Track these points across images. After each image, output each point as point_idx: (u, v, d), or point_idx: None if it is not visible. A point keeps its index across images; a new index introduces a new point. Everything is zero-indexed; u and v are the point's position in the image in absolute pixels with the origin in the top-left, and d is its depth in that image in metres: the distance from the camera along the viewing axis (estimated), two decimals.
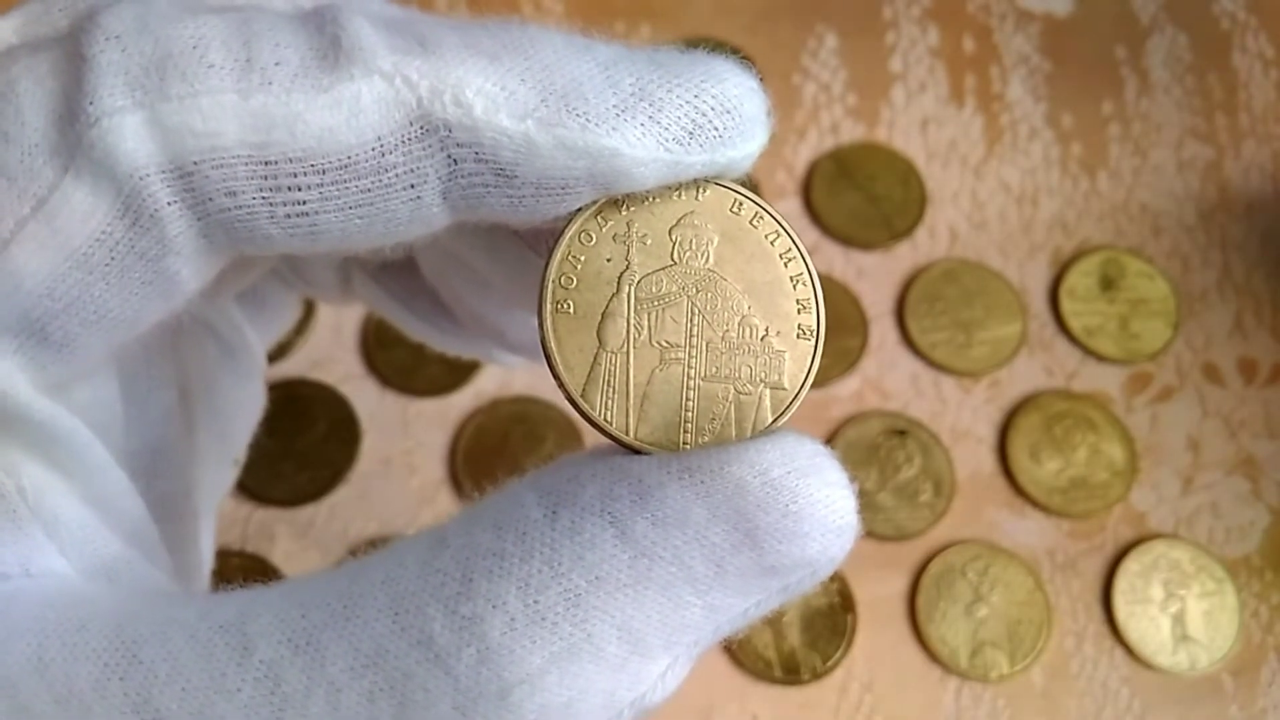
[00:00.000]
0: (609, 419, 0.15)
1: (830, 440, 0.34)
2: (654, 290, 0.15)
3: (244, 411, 0.23)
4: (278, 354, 0.34)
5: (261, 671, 0.13)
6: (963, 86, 0.39)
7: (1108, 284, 0.36)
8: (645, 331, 0.15)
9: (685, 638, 0.14)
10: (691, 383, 0.15)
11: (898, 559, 0.33)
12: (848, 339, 0.35)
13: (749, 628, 0.15)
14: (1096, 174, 0.38)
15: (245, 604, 0.14)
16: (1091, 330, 0.36)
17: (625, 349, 0.15)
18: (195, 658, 0.14)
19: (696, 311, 0.15)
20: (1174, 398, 0.35)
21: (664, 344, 0.15)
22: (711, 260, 0.16)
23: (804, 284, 0.16)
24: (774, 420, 0.15)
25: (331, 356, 0.34)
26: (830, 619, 0.32)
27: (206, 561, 0.22)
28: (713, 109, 0.15)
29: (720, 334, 0.15)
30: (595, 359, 0.15)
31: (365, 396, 0.34)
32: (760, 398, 0.15)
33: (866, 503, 0.33)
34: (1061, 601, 0.32)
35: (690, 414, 0.15)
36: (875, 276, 0.36)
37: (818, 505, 0.14)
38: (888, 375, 0.35)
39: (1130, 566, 0.33)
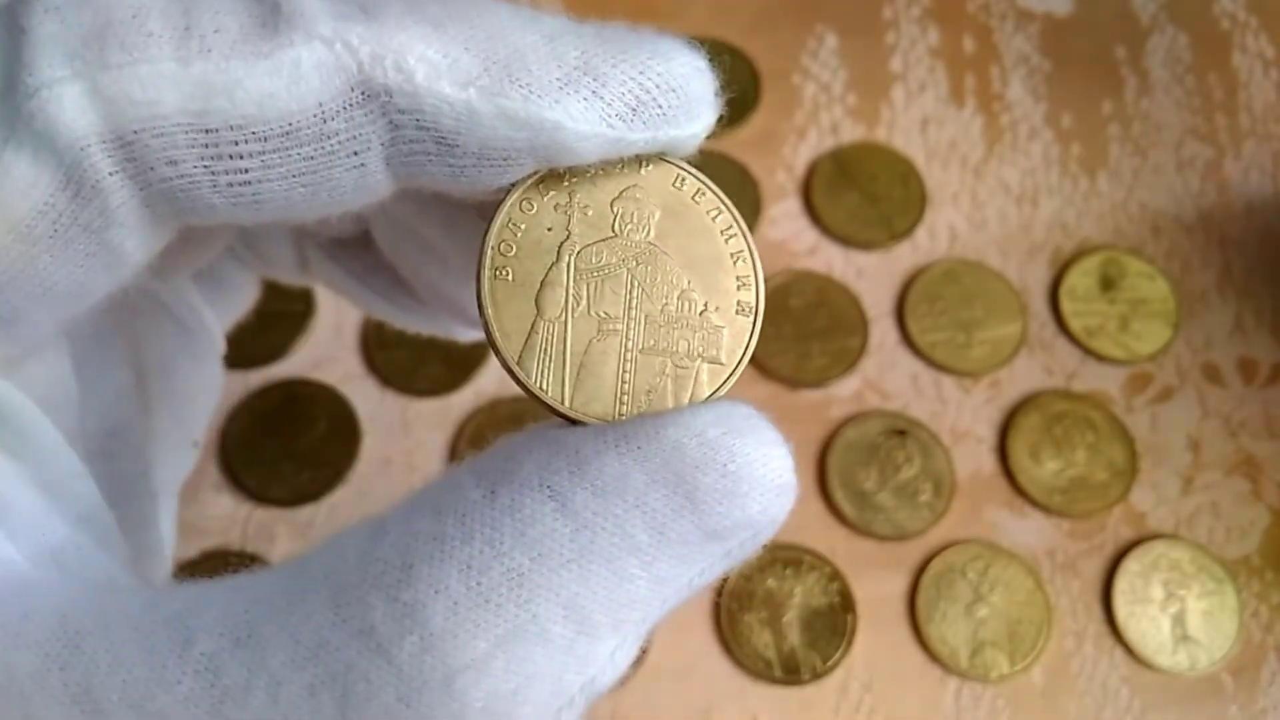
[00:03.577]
0: (545, 388, 0.15)
1: (830, 440, 0.34)
2: (594, 261, 0.15)
3: (202, 393, 0.23)
4: (278, 354, 0.34)
5: (202, 664, 0.13)
6: (963, 86, 0.39)
7: (1108, 284, 0.36)
8: (584, 302, 0.15)
9: (632, 614, 0.14)
10: (629, 354, 0.15)
11: (898, 559, 0.33)
12: (848, 339, 0.35)
13: (692, 598, 0.15)
14: (1096, 174, 0.38)
15: (191, 598, 0.14)
16: (1091, 330, 0.36)
17: (563, 318, 0.15)
18: (137, 650, 0.14)
19: (636, 284, 0.15)
20: (1174, 398, 0.35)
21: (602, 315, 0.15)
22: (652, 234, 0.16)
23: (744, 260, 0.16)
24: (710, 395, 0.15)
25: (331, 356, 0.34)
26: (830, 619, 0.32)
27: (168, 544, 0.22)
28: (658, 87, 0.15)
29: (659, 307, 0.15)
30: (533, 327, 0.15)
31: (365, 396, 0.34)
32: (697, 372, 0.15)
33: (866, 503, 0.33)
34: (1061, 601, 0.32)
35: (627, 385, 0.15)
36: (875, 276, 0.36)
37: (755, 464, 0.14)
38: (888, 375, 0.35)
39: (1130, 566, 0.33)
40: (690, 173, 0.16)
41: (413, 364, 0.34)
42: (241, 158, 0.14)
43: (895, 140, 0.38)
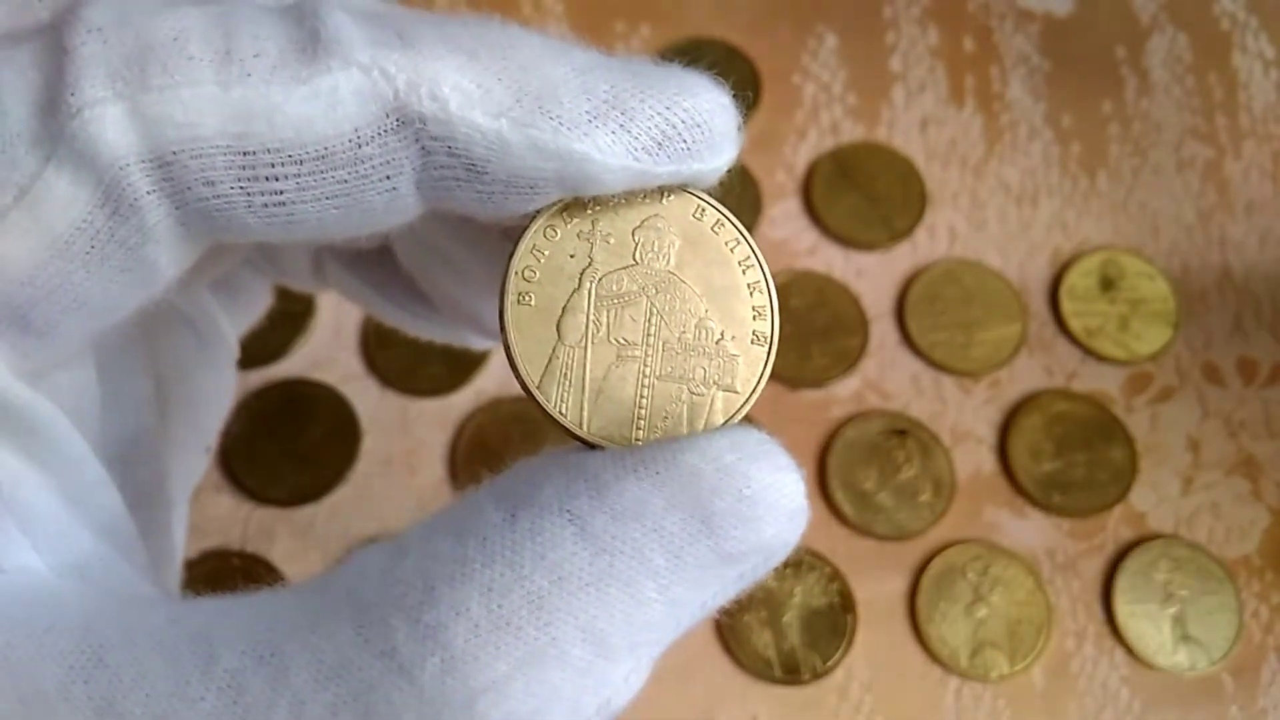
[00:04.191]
0: (564, 411, 0.16)
1: (830, 440, 0.34)
2: (614, 288, 0.16)
3: (217, 399, 0.23)
4: (278, 354, 0.34)
5: (225, 681, 0.13)
6: (963, 86, 0.39)
7: (1108, 284, 0.36)
8: (604, 328, 0.16)
9: (648, 636, 0.14)
10: (646, 380, 0.16)
11: (898, 559, 0.33)
12: (848, 339, 0.35)
13: (704, 621, 0.15)
14: (1096, 174, 0.38)
15: (214, 614, 0.14)
16: (1091, 330, 0.36)
17: (583, 344, 0.16)
18: (161, 664, 0.14)
19: (655, 311, 0.16)
20: (1174, 398, 0.35)
21: (621, 341, 0.16)
22: (672, 263, 0.16)
23: (760, 291, 0.16)
24: (725, 422, 0.16)
25: (331, 356, 0.34)
26: (830, 619, 0.32)
27: (179, 549, 0.22)
28: (683, 122, 0.15)
29: (677, 335, 0.16)
30: (553, 352, 0.16)
31: (365, 396, 0.34)
32: (713, 399, 0.16)
33: (866, 503, 0.33)
34: (1061, 601, 0.32)
35: (644, 411, 0.16)
36: (875, 276, 0.36)
37: (770, 489, 0.14)
38: (888, 375, 0.35)
39: (1130, 566, 0.33)
40: (710, 204, 0.16)
41: (413, 364, 0.34)
42: (277, 180, 0.14)
43: (895, 140, 0.38)
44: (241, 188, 0.14)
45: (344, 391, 0.34)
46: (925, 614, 0.32)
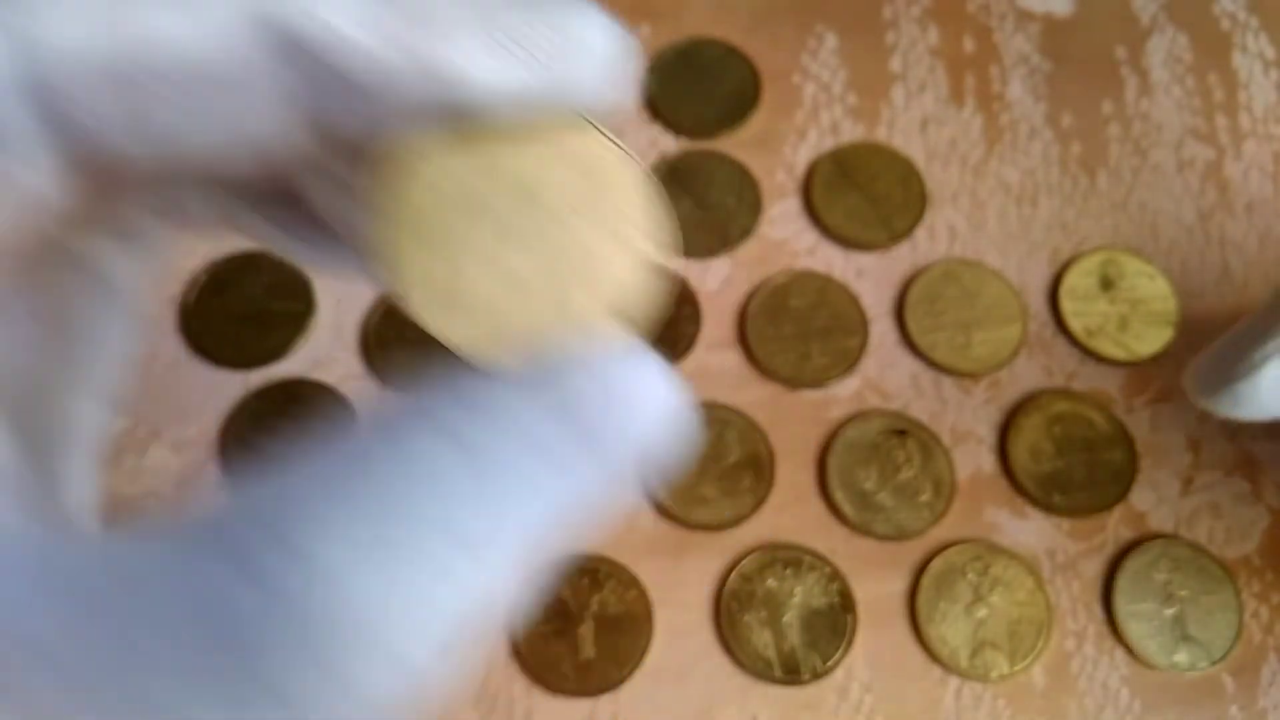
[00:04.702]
0: (441, 329, 0.16)
1: (830, 440, 0.34)
2: (504, 216, 0.16)
3: (118, 347, 0.23)
4: (278, 354, 0.34)
5: (81, 594, 0.13)
6: (963, 86, 0.39)
7: (1107, 284, 0.36)
8: (493, 254, 0.16)
9: (523, 539, 0.14)
10: (532, 303, 0.16)
11: (898, 559, 0.33)
12: (848, 339, 0.35)
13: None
14: (1096, 174, 0.38)
15: (88, 550, 0.14)
16: (1091, 330, 0.36)
17: (466, 264, 0.16)
18: (25, 590, 0.13)
19: (545, 238, 0.16)
20: (1174, 398, 0.35)
21: (510, 267, 0.16)
22: (565, 192, 0.16)
23: (651, 216, 0.16)
24: (603, 336, 0.16)
25: (331, 356, 0.34)
26: (830, 619, 0.32)
27: (87, 507, 0.22)
28: (564, 38, 0.15)
29: (566, 259, 0.16)
30: (435, 272, 0.16)
31: (365, 396, 0.34)
32: (599, 319, 0.16)
33: (866, 503, 0.33)
34: (1061, 601, 0.32)
35: (527, 331, 0.16)
36: (875, 276, 0.36)
37: (638, 386, 0.14)
38: (888, 375, 0.35)
39: (1130, 566, 0.33)
40: (598, 128, 0.16)
41: (413, 364, 0.34)
42: (149, 93, 0.14)
43: (895, 140, 0.38)
44: (114, 107, 0.14)
45: (344, 391, 0.34)
46: (925, 614, 0.32)
